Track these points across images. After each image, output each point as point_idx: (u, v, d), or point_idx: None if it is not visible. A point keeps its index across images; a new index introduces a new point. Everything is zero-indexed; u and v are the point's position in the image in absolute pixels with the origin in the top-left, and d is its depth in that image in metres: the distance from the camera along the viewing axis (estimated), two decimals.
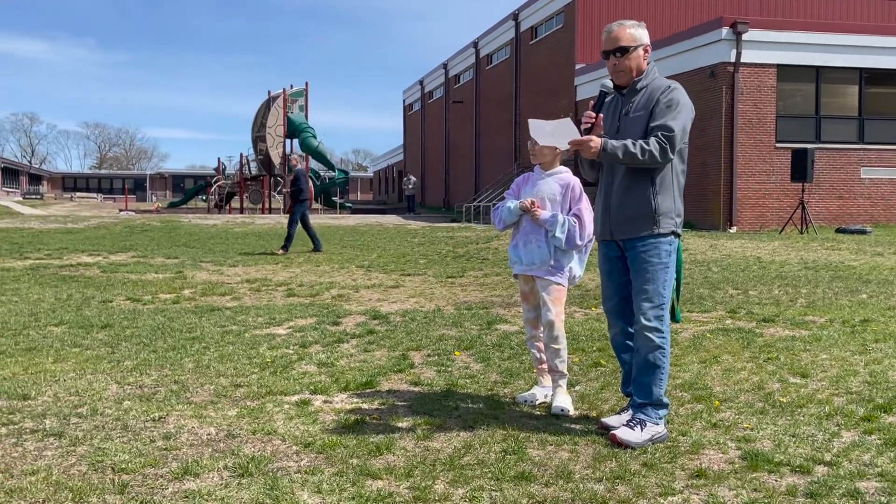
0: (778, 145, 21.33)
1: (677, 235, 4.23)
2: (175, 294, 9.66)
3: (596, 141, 4.07)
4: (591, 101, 4.31)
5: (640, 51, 4.22)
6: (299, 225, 15.88)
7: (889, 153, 22.18)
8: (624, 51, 4.19)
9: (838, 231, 19.55)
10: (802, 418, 4.45)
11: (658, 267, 4.14)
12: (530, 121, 4.62)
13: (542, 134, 4.58)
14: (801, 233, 19.11)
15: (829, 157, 21.74)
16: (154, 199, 77.35)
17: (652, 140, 4.05)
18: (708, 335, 6.83)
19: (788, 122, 21.65)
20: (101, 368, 5.69)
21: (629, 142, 4.06)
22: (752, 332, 6.97)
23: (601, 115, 4.22)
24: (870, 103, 22.39)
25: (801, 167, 19.53)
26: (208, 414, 4.59)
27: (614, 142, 4.08)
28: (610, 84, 4.28)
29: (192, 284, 10.66)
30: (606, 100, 4.31)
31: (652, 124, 4.11)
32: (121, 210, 40.19)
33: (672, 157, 4.10)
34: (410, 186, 42.62)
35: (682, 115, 4.10)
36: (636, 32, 4.22)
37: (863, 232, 18.80)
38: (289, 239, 15.66)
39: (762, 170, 21.33)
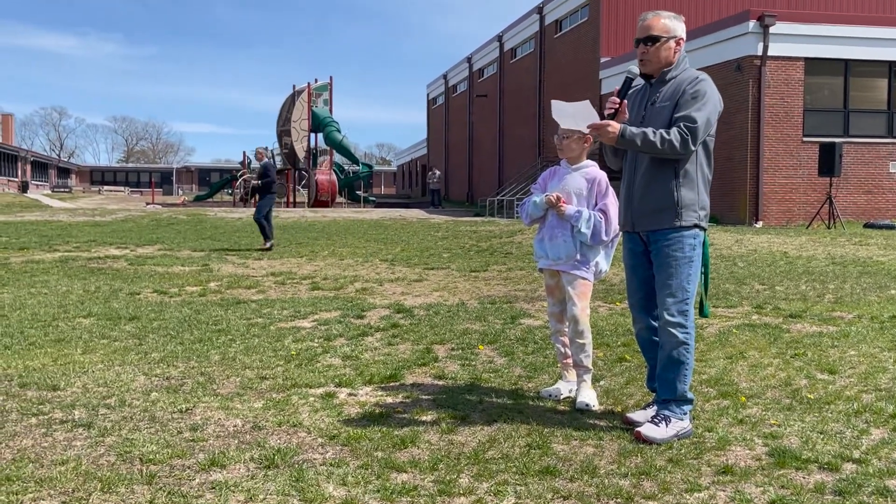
0: (805, 139, 21.09)
1: (702, 229, 4.17)
2: (201, 287, 9.74)
3: (614, 126, 4.02)
4: (616, 87, 4.26)
5: (672, 42, 4.15)
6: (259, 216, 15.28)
7: None
8: (654, 40, 4.14)
9: (866, 226, 19.31)
10: (830, 415, 4.41)
11: (682, 261, 4.10)
12: (553, 102, 4.58)
13: (563, 116, 4.55)
14: (829, 228, 18.90)
15: (858, 151, 21.47)
16: (180, 192, 77.97)
17: (673, 130, 4.00)
18: (734, 330, 6.78)
19: (816, 116, 21.39)
20: (129, 360, 5.75)
21: (649, 130, 4.01)
22: (778, 327, 6.91)
23: (625, 101, 4.18)
24: None
25: (828, 161, 19.29)
26: (234, 406, 4.62)
27: (633, 129, 4.03)
28: (636, 70, 4.20)
29: (218, 277, 10.74)
30: (633, 87, 4.27)
31: (676, 115, 4.05)
32: (148, 203, 40.54)
33: (693, 148, 4.04)
34: (435, 180, 42.67)
35: (707, 107, 4.04)
36: (670, 24, 4.16)
37: (891, 227, 18.57)
38: (264, 230, 15.05)
39: (789, 164, 21.11)
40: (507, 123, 41.91)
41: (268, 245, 15.07)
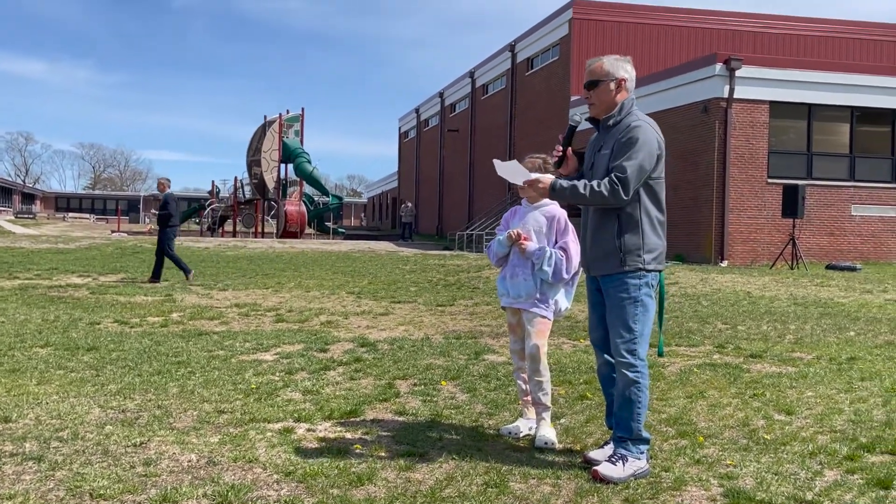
0: (770, 181, 21.46)
1: (649, 271, 4.18)
2: (163, 317, 9.62)
3: (545, 181, 4.17)
4: (560, 135, 4.35)
5: (611, 84, 4.19)
6: (163, 250, 14.72)
7: (879, 191, 22.34)
8: (593, 84, 4.22)
9: (828, 267, 19.61)
10: (786, 456, 4.45)
11: (627, 302, 4.14)
12: (495, 161, 4.65)
13: (504, 172, 4.61)
14: (792, 268, 19.17)
15: (820, 193, 21.88)
16: (147, 220, 77.26)
17: (604, 181, 4.05)
18: (695, 370, 6.83)
19: (780, 158, 21.80)
20: (85, 391, 5.65)
21: (580, 183, 4.09)
22: (739, 367, 6.97)
23: (570, 148, 4.25)
24: (861, 141, 22.57)
25: (792, 203, 19.63)
26: (190, 440, 4.55)
27: (564, 182, 4.14)
28: (578, 118, 4.30)
29: (181, 308, 10.63)
30: (579, 131, 4.36)
31: (611, 164, 4.11)
32: (113, 231, 40.13)
33: (626, 198, 4.05)
34: (408, 213, 42.87)
35: (639, 155, 4.05)
36: (611, 66, 4.21)
37: (852, 269, 18.87)
38: (179, 263, 14.50)
39: (754, 205, 21.45)
40: (478, 158, 42.19)
41: (157, 280, 14.16)
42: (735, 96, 21.13)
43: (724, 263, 20.85)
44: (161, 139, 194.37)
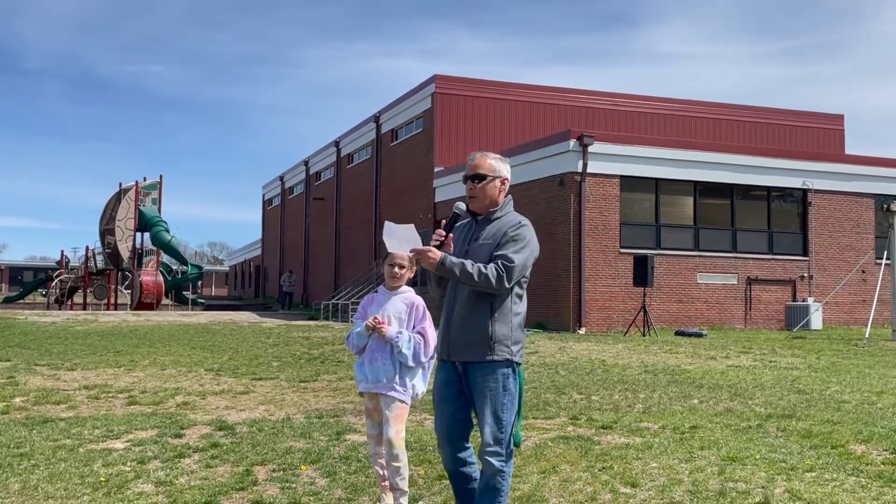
0: (622, 251, 22.57)
1: (515, 362, 4.33)
2: (4, 403, 9.09)
3: (436, 253, 4.18)
4: (443, 220, 4.48)
5: (497, 182, 4.43)
6: None
7: (722, 260, 23.87)
8: (481, 178, 4.41)
9: (677, 334, 20.68)
10: None
11: (496, 391, 4.26)
12: (386, 223, 4.70)
13: (391, 238, 4.69)
14: (644, 335, 20.09)
15: (669, 262, 23.16)
16: None
17: (491, 266, 4.20)
18: (549, 443, 7.05)
19: (631, 230, 23.00)
20: None
21: (468, 262, 4.19)
22: (590, 439, 7.25)
23: (451, 234, 4.36)
24: (703, 214, 24.15)
25: (642, 272, 20.68)
26: None
27: (454, 258, 4.20)
28: (463, 206, 4.44)
29: (25, 392, 10.06)
30: (459, 222, 4.50)
31: (496, 253, 4.28)
32: None
33: (507, 286, 4.23)
34: (289, 283, 42.60)
35: (525, 251, 4.29)
36: (496, 164, 4.45)
37: (699, 335, 19.97)
38: None
39: (608, 273, 22.45)
40: (344, 227, 42.28)
41: None
42: (588, 171, 22.24)
43: (582, 331, 21.62)
44: (6, 205, 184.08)
